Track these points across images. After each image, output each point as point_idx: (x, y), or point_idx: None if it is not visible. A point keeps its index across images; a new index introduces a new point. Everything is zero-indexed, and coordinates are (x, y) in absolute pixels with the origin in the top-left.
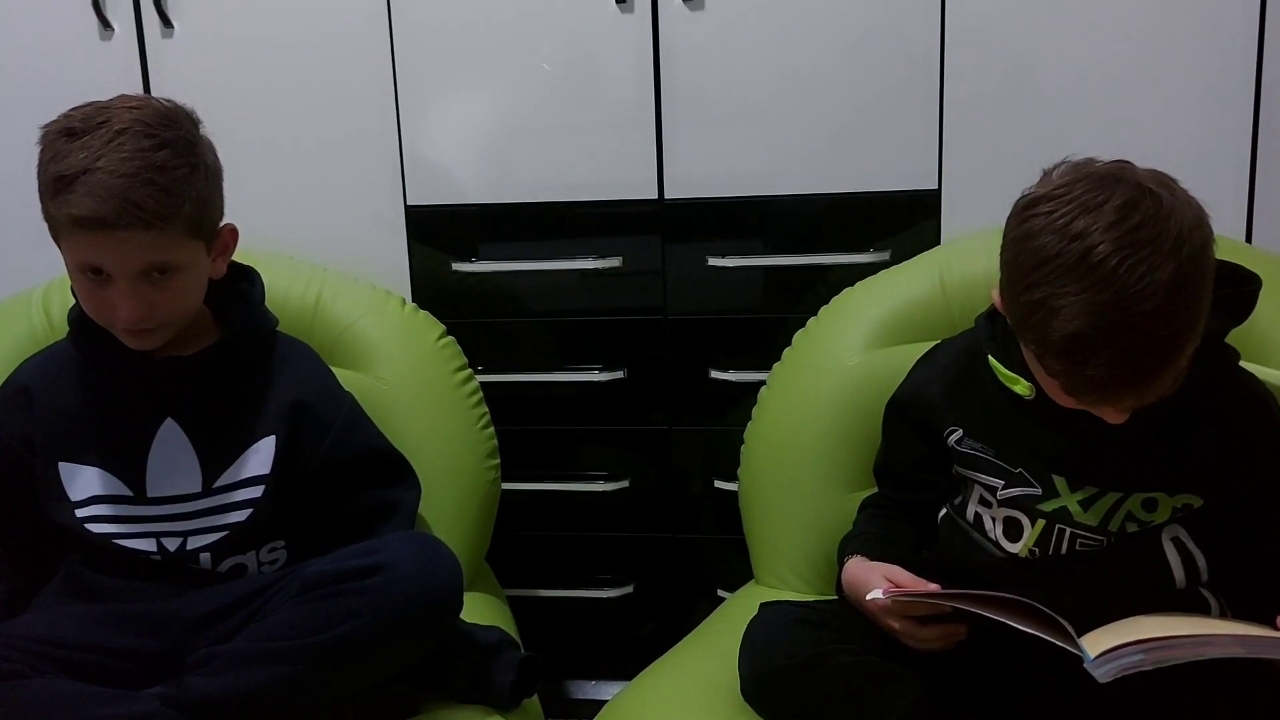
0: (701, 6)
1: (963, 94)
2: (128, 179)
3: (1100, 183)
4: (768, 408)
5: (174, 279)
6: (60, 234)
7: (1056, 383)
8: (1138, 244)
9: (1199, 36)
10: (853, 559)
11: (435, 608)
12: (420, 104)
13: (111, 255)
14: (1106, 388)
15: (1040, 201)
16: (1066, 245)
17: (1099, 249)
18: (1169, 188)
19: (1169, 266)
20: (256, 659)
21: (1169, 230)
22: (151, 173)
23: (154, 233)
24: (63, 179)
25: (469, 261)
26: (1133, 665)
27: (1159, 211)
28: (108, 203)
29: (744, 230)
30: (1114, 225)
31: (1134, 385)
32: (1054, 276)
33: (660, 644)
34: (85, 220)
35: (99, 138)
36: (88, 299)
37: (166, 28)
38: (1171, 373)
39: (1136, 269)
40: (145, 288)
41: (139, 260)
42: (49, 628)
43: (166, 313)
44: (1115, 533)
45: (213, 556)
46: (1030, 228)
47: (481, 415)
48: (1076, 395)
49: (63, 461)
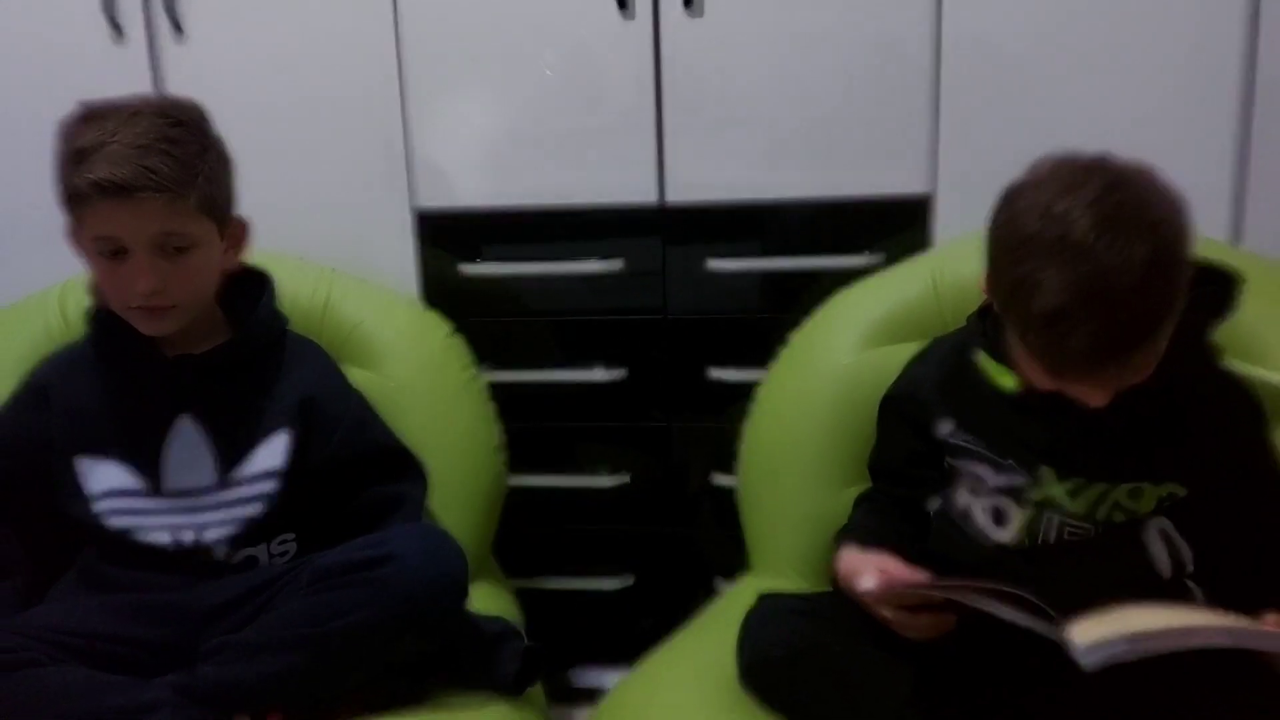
0: (701, 14)
1: (957, 100)
2: (143, 149)
3: (1082, 170)
4: (765, 405)
5: (188, 256)
6: (79, 209)
7: (1040, 363)
8: (1116, 222)
9: (1191, 44)
10: (846, 550)
11: (442, 598)
12: (427, 110)
13: (128, 222)
14: (1088, 361)
15: (1024, 188)
16: (1048, 224)
17: (1078, 226)
18: (1149, 176)
19: (1146, 245)
20: (267, 648)
21: (1147, 213)
22: (165, 145)
23: (168, 198)
24: (82, 151)
25: (475, 263)
26: (1118, 655)
27: (1138, 195)
28: (124, 167)
29: (742, 234)
30: (1093, 204)
31: (1114, 358)
32: (1036, 254)
33: (660, 634)
34: (104, 184)
35: (116, 118)
36: (105, 280)
37: (178, 33)
38: (1150, 351)
39: (1114, 244)
40: (160, 262)
41: (154, 226)
42: (65, 617)
43: (180, 291)
44: (1102, 521)
45: (227, 549)
46: (1014, 210)
47: (488, 411)
48: (1059, 372)
49: (80, 457)
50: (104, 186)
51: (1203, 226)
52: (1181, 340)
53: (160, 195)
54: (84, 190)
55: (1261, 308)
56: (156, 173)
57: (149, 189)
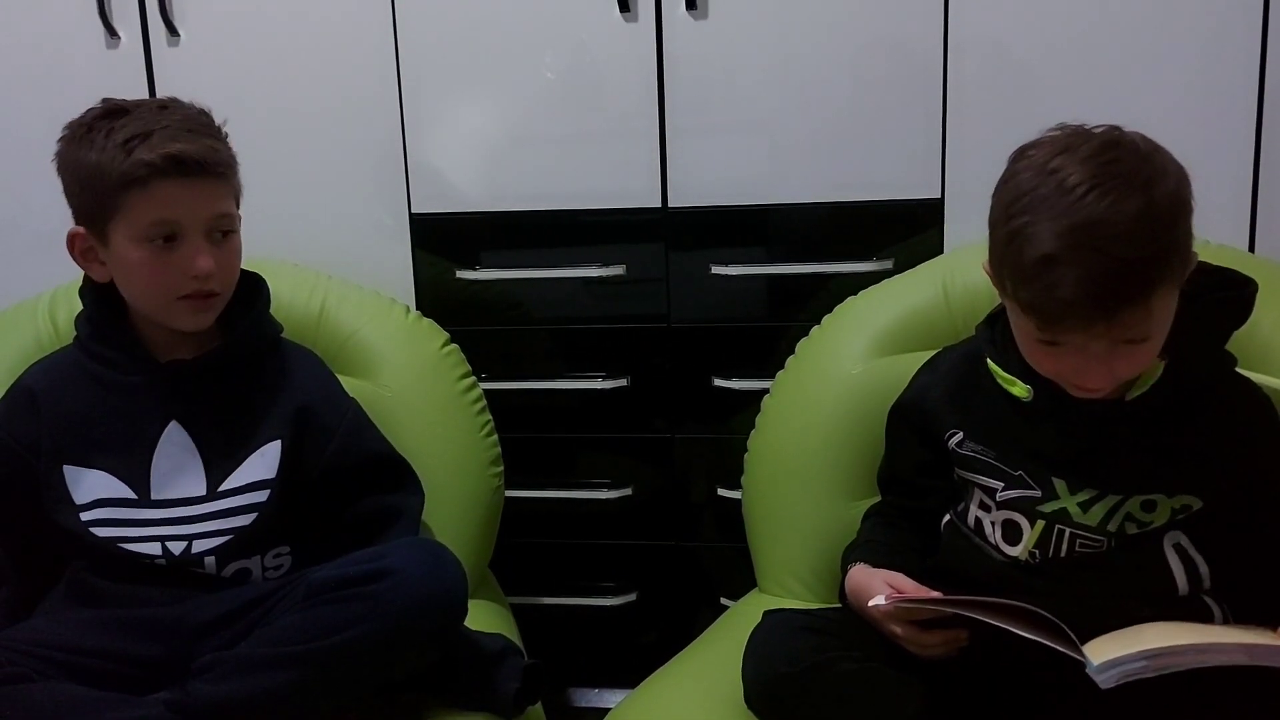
0: (705, 15)
1: (966, 103)
2: (195, 131)
3: (1085, 133)
4: (771, 416)
5: (231, 241)
6: (128, 199)
7: (1032, 322)
8: (1110, 176)
9: (1202, 45)
10: (855, 566)
11: (440, 614)
12: (425, 112)
13: (192, 202)
14: (1075, 312)
15: (1026, 149)
16: (1042, 179)
17: (1072, 178)
18: (1152, 145)
19: (1139, 199)
20: (262, 664)
21: (1142, 170)
22: (210, 131)
23: (224, 182)
24: (134, 137)
25: (473, 269)
26: (1135, 672)
27: (1135, 154)
28: (193, 145)
29: (747, 238)
30: (1089, 159)
31: (1102, 308)
32: (1030, 207)
33: (663, 652)
34: (177, 159)
35: (147, 109)
36: (151, 272)
37: (173, 36)
38: (1142, 314)
39: (1106, 196)
40: (212, 246)
41: (213, 208)
42: (53, 632)
43: (226, 276)
44: (1115, 533)
45: (217, 560)
46: (1014, 169)
47: (485, 423)
48: (1049, 326)
49: (68, 465)
50: (178, 161)
51: (1219, 233)
52: (1196, 347)
53: (220, 177)
54: (152, 168)
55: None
56: (218, 152)
57: (215, 168)
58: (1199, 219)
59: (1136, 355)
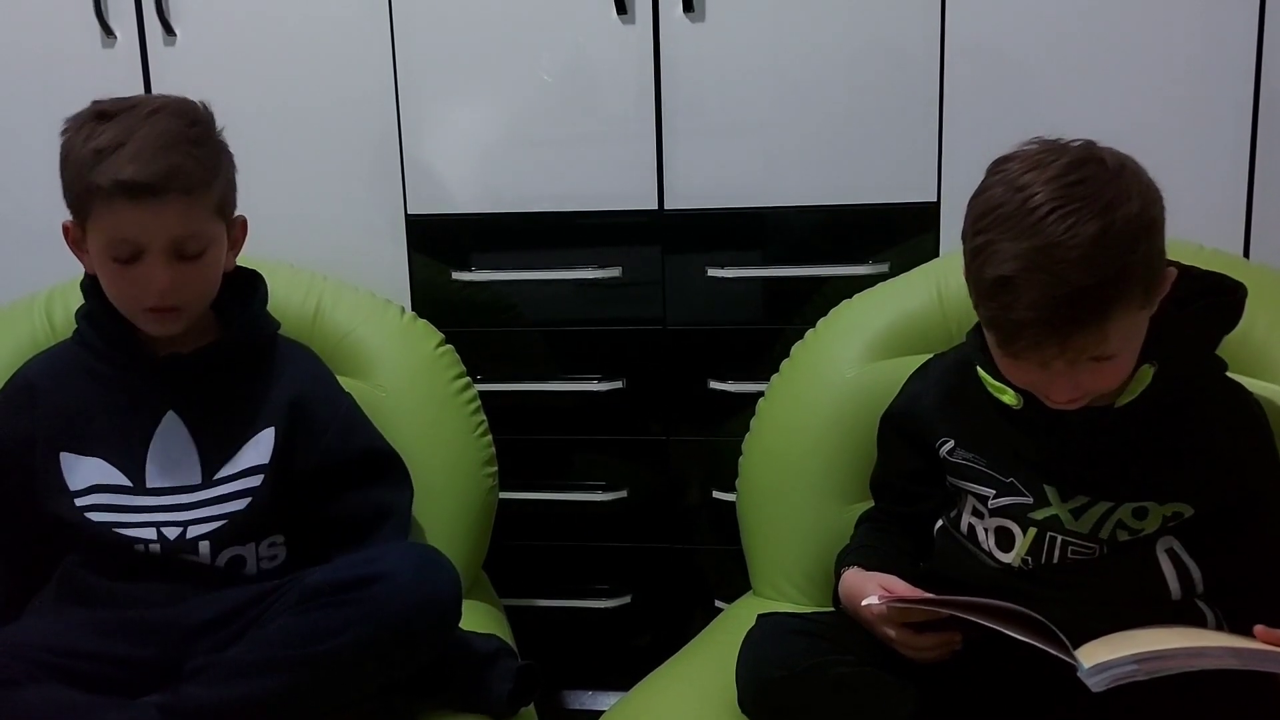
0: (702, 18)
1: (962, 107)
2: (167, 148)
3: (1057, 148)
4: (766, 419)
5: (201, 258)
6: (93, 210)
7: (993, 337)
8: (1072, 198)
9: (1199, 52)
10: (849, 570)
11: (434, 617)
12: (421, 113)
13: (149, 224)
14: (1028, 336)
15: (1003, 161)
16: (1011, 195)
17: (1037, 198)
18: (1123, 163)
19: (1097, 223)
20: (254, 668)
21: (1105, 192)
22: (188, 145)
23: (190, 201)
24: (102, 150)
25: (468, 270)
26: (1126, 675)
27: (1102, 176)
28: (152, 166)
29: (743, 241)
30: (1055, 179)
31: (1054, 333)
32: (995, 224)
33: (658, 655)
34: (130, 185)
35: (133, 116)
36: (115, 283)
37: (169, 36)
38: (1097, 337)
39: (1065, 220)
40: (175, 264)
41: (174, 229)
42: (44, 634)
43: (190, 292)
44: (1106, 540)
45: (212, 546)
46: (988, 183)
47: (479, 424)
48: (1006, 345)
49: (64, 453)
50: (129, 186)
51: (1213, 239)
52: (1185, 352)
53: (184, 197)
54: (105, 190)
55: (1271, 320)
56: (184, 171)
57: (175, 189)
58: (1194, 224)
59: (1103, 371)
